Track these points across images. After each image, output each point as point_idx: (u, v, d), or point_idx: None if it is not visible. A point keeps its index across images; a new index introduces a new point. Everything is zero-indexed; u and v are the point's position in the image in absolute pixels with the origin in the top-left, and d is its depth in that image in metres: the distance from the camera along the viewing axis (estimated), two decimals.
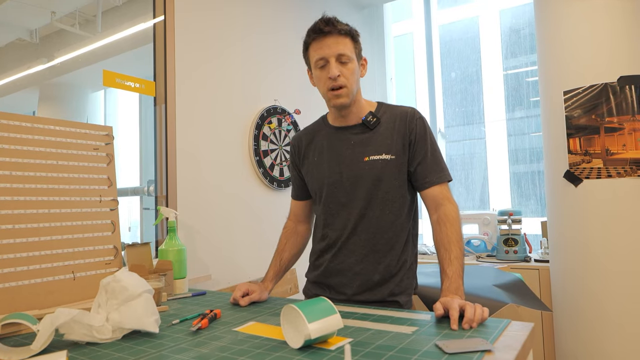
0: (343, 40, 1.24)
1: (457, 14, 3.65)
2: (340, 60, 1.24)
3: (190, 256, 1.86)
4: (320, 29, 1.24)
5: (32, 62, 1.78)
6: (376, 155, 1.28)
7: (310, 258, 1.43)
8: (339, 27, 1.24)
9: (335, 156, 1.32)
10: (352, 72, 1.26)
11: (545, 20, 2.31)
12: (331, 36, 1.23)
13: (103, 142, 1.40)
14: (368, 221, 1.28)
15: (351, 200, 1.29)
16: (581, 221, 2.13)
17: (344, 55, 1.23)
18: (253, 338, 0.94)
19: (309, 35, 1.28)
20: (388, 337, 0.90)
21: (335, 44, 1.23)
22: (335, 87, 1.24)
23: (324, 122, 1.42)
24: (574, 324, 2.17)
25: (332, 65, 1.23)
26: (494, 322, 0.96)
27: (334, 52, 1.23)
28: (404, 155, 1.27)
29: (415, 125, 1.29)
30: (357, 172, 1.28)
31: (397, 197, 1.28)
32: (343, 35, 1.24)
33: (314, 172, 1.37)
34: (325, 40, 1.24)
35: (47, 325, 0.88)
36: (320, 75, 1.26)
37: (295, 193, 1.50)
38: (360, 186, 1.28)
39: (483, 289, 1.68)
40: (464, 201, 3.51)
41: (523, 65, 3.34)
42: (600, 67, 2.10)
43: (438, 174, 1.27)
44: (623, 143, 2.05)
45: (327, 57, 1.23)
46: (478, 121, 3.49)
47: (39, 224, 1.20)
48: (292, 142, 1.47)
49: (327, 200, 1.33)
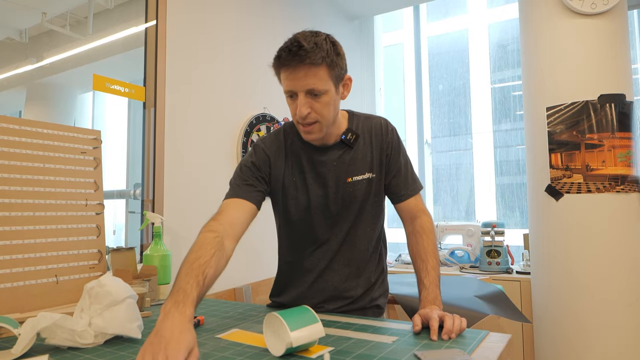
0: (314, 72, 1.07)
1: (447, 26, 3.71)
2: (311, 94, 1.10)
3: (175, 262, 1.85)
4: (289, 59, 1.06)
5: (20, 62, 1.77)
6: (359, 175, 1.25)
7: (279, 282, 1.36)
8: (310, 56, 1.05)
9: (319, 178, 1.24)
10: (326, 105, 1.12)
11: (530, 37, 2.37)
12: (302, 67, 1.06)
13: (91, 146, 1.40)
14: (351, 240, 1.27)
15: (336, 222, 1.26)
16: (562, 235, 2.17)
17: (314, 89, 1.08)
18: (235, 345, 0.95)
19: (278, 57, 1.10)
20: (368, 346, 0.92)
21: (305, 77, 1.07)
22: (306, 124, 1.14)
23: (295, 134, 1.27)
24: (553, 336, 2.21)
25: (302, 102, 1.09)
26: (472, 333, 0.98)
27: (303, 86, 1.08)
28: (381, 172, 1.27)
29: (391, 139, 1.27)
30: (342, 193, 1.24)
31: (377, 212, 1.30)
32: (316, 66, 1.07)
33: (293, 193, 1.25)
34: (294, 72, 1.08)
35: (29, 329, 0.88)
36: (291, 105, 1.15)
37: (244, 193, 1.18)
38: (345, 208, 1.25)
39: (465, 299, 1.71)
40: (449, 212, 3.56)
41: (509, 79, 3.41)
42: (582, 85, 2.16)
43: (412, 187, 1.29)
44: (602, 159, 2.11)
45: (296, 91, 1.10)
46: (465, 132, 3.54)
47: (23, 227, 1.20)
48: (261, 147, 1.27)
49: (310, 222, 1.26)
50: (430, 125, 3.68)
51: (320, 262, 1.27)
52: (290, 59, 1.06)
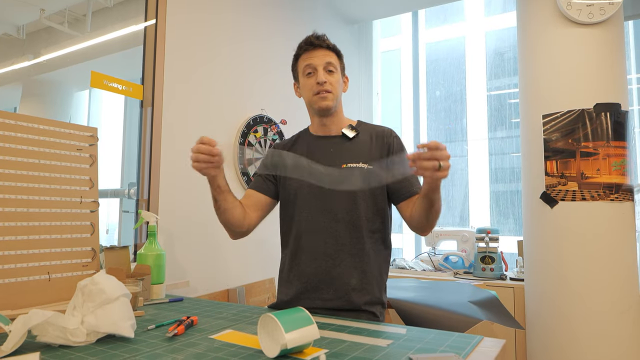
0: (330, 54, 1.38)
1: (444, 33, 3.73)
2: (327, 69, 1.36)
3: (169, 261, 1.84)
4: (311, 42, 1.37)
5: (17, 58, 1.76)
6: (354, 163, 1.35)
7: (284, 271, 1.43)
8: (327, 42, 1.39)
9: (314, 162, 1.38)
10: (338, 82, 1.39)
11: (527, 45, 2.39)
12: (321, 49, 1.37)
13: (87, 143, 1.39)
14: (345, 226, 1.32)
15: (327, 205, 1.33)
16: (556, 242, 2.18)
17: (331, 64, 1.36)
18: (229, 346, 0.94)
19: (300, 48, 1.41)
20: (363, 349, 0.91)
21: (324, 55, 1.37)
22: (322, 91, 1.35)
23: (305, 131, 1.51)
24: (545, 342, 2.21)
25: (321, 72, 1.35)
26: (466, 337, 0.98)
27: (323, 61, 1.36)
28: (380, 167, 1.35)
29: (392, 142, 1.40)
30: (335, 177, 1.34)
31: (371, 204, 1.34)
32: (331, 51, 1.39)
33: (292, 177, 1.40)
34: (314, 52, 1.37)
35: (20, 326, 0.87)
36: (307, 82, 1.38)
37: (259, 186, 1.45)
38: (336, 192, 1.33)
39: (459, 304, 1.71)
40: (444, 217, 3.56)
41: (505, 87, 3.43)
42: (578, 94, 2.18)
43: (416, 185, 1.36)
44: (597, 168, 2.12)
45: (316, 66, 1.35)
46: (461, 139, 3.56)
47: (17, 223, 1.19)
48: (273, 147, 1.52)
49: (302, 204, 1.37)
50: (427, 131, 3.69)
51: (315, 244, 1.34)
52: (316, 41, 1.37)
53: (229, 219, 1.32)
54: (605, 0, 2.14)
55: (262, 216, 1.44)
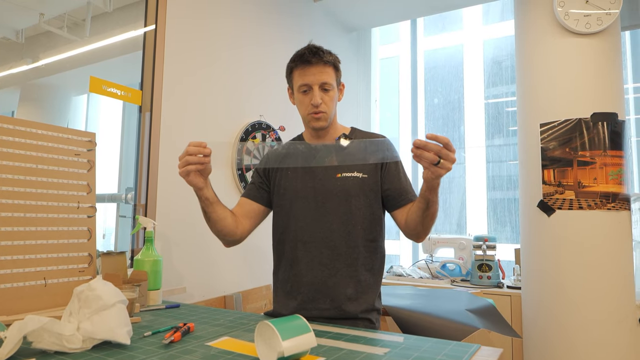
0: (326, 70, 1.32)
1: (443, 41, 3.75)
2: (322, 88, 1.32)
3: (166, 267, 1.84)
4: (307, 59, 1.31)
5: (15, 62, 1.76)
6: (348, 172, 1.35)
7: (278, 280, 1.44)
8: (324, 58, 1.32)
9: (309, 171, 1.38)
10: (332, 99, 1.35)
11: (525, 54, 2.40)
12: (316, 66, 1.31)
13: (85, 148, 1.39)
14: (340, 236, 1.32)
15: (322, 215, 1.34)
16: (553, 250, 2.19)
17: (326, 83, 1.32)
18: (226, 353, 0.94)
19: (294, 61, 1.35)
20: (360, 357, 0.91)
21: (320, 73, 1.31)
22: (316, 112, 1.33)
23: (299, 138, 1.51)
24: (542, 351, 2.21)
25: (316, 93, 1.31)
26: (464, 346, 0.98)
27: (318, 80, 1.31)
28: (375, 176, 1.36)
29: None
30: (329, 187, 1.34)
31: (367, 214, 1.34)
32: (328, 65, 1.33)
33: (285, 185, 1.40)
34: (310, 69, 1.31)
35: (15, 332, 0.86)
36: (303, 99, 1.35)
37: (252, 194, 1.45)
38: (331, 201, 1.33)
39: (456, 312, 1.71)
40: (441, 225, 3.56)
41: (503, 95, 3.45)
42: (575, 103, 2.19)
43: (411, 193, 1.36)
44: (594, 177, 2.13)
45: (311, 85, 1.31)
46: (458, 147, 3.56)
47: (13, 228, 1.18)
48: (267, 154, 1.52)
49: (298, 214, 1.36)
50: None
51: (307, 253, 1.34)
52: (311, 56, 1.30)
53: (220, 229, 1.33)
54: (603, 11, 2.16)
55: (255, 224, 1.44)
